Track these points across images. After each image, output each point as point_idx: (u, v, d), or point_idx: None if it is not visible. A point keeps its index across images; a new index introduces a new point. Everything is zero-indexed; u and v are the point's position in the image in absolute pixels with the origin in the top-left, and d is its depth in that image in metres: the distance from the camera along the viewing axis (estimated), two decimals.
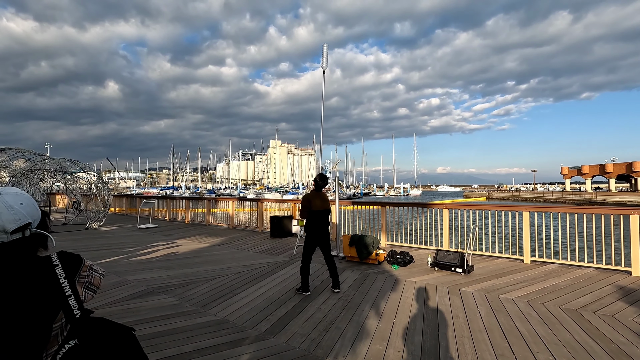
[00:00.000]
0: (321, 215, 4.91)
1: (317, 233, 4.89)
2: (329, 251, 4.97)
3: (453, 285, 5.06)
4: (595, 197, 49.73)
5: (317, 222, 4.89)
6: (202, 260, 6.91)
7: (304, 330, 3.59)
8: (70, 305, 1.07)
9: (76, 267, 1.20)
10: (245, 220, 12.19)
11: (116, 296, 4.67)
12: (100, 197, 13.37)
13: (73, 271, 1.17)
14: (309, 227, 4.90)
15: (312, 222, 4.89)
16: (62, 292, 1.08)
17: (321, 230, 4.91)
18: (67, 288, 1.10)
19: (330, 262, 4.92)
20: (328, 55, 7.26)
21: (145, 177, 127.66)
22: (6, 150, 14.77)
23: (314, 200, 4.90)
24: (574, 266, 5.93)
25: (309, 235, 4.91)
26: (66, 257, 1.21)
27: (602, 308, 4.07)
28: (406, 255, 6.45)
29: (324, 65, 7.31)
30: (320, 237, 4.90)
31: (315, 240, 4.90)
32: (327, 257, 4.95)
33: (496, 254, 6.89)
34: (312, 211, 4.87)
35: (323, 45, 7.28)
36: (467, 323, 3.73)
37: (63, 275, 1.12)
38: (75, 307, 1.07)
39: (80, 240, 9.48)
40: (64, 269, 1.15)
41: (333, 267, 4.91)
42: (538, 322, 3.72)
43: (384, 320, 3.83)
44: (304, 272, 4.77)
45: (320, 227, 4.90)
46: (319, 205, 4.90)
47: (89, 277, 1.23)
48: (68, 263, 1.18)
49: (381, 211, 8.46)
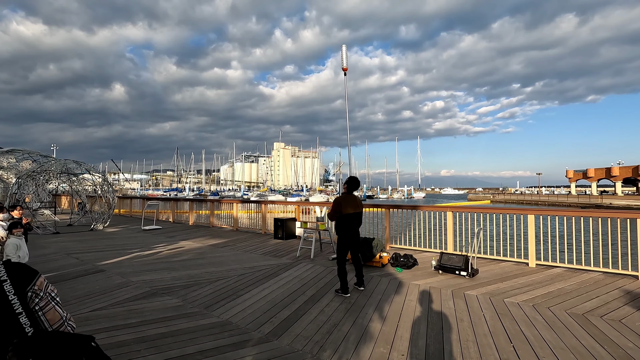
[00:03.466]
0: (352, 218, 5.00)
1: (348, 235, 4.99)
2: (357, 252, 5.16)
3: (457, 288, 5.02)
4: (601, 201, 49.28)
5: (348, 225, 4.98)
6: (206, 261, 6.92)
7: (308, 332, 3.58)
8: (22, 323, 0.99)
9: (28, 280, 1.08)
10: (248, 222, 12.21)
11: (120, 297, 4.69)
12: (105, 199, 13.46)
13: (24, 285, 1.06)
14: (340, 229, 5.01)
15: (343, 225, 4.99)
16: (12, 309, 1.00)
17: (352, 232, 5.02)
18: (17, 305, 1.01)
19: (357, 262, 5.10)
20: (347, 55, 7.64)
21: (149, 179, 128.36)
22: (13, 152, 14.94)
23: (344, 203, 5.00)
24: (580, 270, 5.88)
25: (341, 237, 5.02)
26: (14, 269, 1.10)
27: (608, 313, 4.02)
28: (410, 258, 6.42)
29: (344, 64, 7.68)
30: (351, 238, 5.01)
31: (347, 242, 5.01)
32: (355, 257, 5.13)
33: (501, 257, 6.84)
34: (342, 215, 4.98)
35: (342, 46, 7.73)
36: (472, 327, 3.70)
37: (12, 291, 1.02)
38: (27, 325, 1.00)
39: (85, 242, 9.54)
40: (13, 284, 1.04)
41: (359, 267, 5.09)
42: (544, 326, 3.68)
43: (388, 323, 3.81)
44: (342, 273, 4.87)
45: (351, 229, 5.00)
46: (350, 208, 4.99)
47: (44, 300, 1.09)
48: (17, 276, 1.07)
49: (385, 214, 8.43)
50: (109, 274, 5.92)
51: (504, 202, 66.66)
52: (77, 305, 4.34)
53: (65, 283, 5.41)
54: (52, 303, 1.11)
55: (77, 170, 13.26)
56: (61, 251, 8.09)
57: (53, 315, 1.09)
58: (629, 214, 5.74)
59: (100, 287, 5.18)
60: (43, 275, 1.15)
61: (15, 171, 15.47)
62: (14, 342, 0.95)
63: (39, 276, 1.13)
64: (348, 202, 5.02)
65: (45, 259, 7.27)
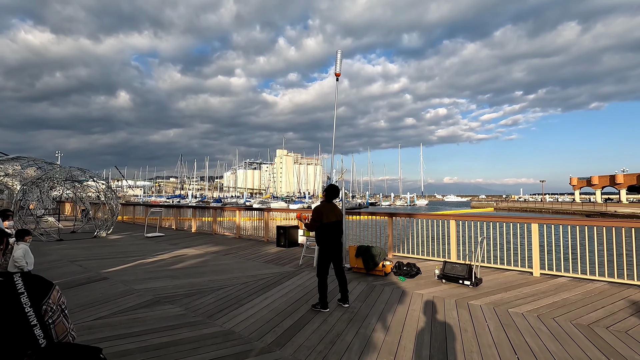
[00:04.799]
0: (333, 227, 4.75)
1: (331, 245, 4.73)
2: (340, 264, 4.83)
3: (461, 298, 4.99)
4: (606, 209, 48.90)
5: (330, 234, 4.73)
6: (209, 269, 6.92)
7: (311, 342, 3.57)
8: (36, 335, 1.02)
9: (44, 293, 1.12)
10: (251, 230, 12.21)
11: (123, 305, 4.69)
12: (108, 206, 13.52)
13: (40, 297, 1.10)
14: (321, 239, 4.75)
15: (324, 234, 4.72)
16: (27, 321, 1.03)
17: (334, 242, 4.75)
18: (33, 317, 1.04)
19: (341, 276, 4.77)
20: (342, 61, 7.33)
21: (152, 186, 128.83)
22: (18, 159, 15.07)
23: (325, 211, 4.75)
24: (585, 280, 5.82)
25: (323, 248, 4.75)
26: (31, 282, 1.13)
27: (614, 324, 3.98)
28: (413, 266, 6.39)
29: (337, 70, 7.31)
30: (334, 249, 4.74)
31: (329, 253, 4.73)
32: (338, 270, 4.80)
33: (505, 266, 6.80)
34: (323, 224, 4.72)
35: (337, 51, 7.34)
36: (476, 337, 3.67)
37: (29, 304, 1.06)
38: (41, 337, 1.03)
39: (88, 249, 9.57)
40: (30, 297, 1.07)
41: (343, 281, 4.76)
42: (549, 337, 3.65)
43: (391, 333, 3.79)
44: (322, 287, 4.58)
45: (333, 239, 4.74)
46: (331, 216, 4.76)
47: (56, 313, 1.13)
48: (34, 289, 1.10)
49: (388, 222, 8.42)
50: (112, 282, 5.93)
51: (508, 209, 66.30)
52: (81, 314, 4.34)
53: (69, 291, 5.42)
54: (62, 316, 1.15)
55: (81, 177, 13.36)
56: (64, 258, 8.11)
57: (61, 327, 1.14)
58: (635, 222, 5.71)
59: (103, 295, 5.19)
60: (57, 286, 1.19)
61: (20, 178, 15.60)
62: (28, 353, 0.99)
63: (54, 289, 1.16)
64: (329, 211, 4.76)
65: (49, 266, 7.30)
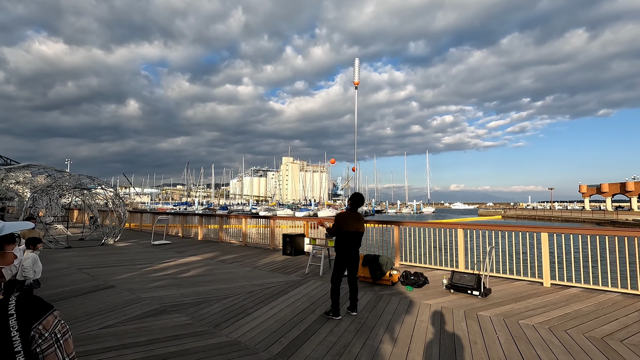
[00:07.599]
0: (352, 237, 4.75)
1: (347, 254, 4.74)
2: (355, 273, 4.86)
3: (470, 309, 4.91)
4: (617, 217, 48.02)
5: (348, 243, 4.74)
6: (215, 278, 6.91)
7: (317, 354, 3.52)
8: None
9: (35, 317, 1.02)
10: (257, 238, 12.20)
11: (130, 314, 4.69)
12: (116, 213, 13.64)
13: (29, 322, 1.00)
14: (338, 246, 4.78)
15: (342, 243, 4.76)
16: (12, 347, 0.95)
17: (351, 252, 4.76)
18: (18, 343, 0.96)
19: (353, 285, 4.80)
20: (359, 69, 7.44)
21: (159, 193, 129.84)
22: (29, 167, 15.33)
23: (346, 219, 4.77)
24: (597, 290, 5.69)
25: (339, 256, 4.77)
26: (25, 304, 1.03)
27: (629, 337, 3.87)
28: (420, 276, 6.32)
29: (356, 78, 7.53)
30: (350, 258, 4.76)
31: (344, 261, 4.76)
32: (351, 279, 4.83)
33: (514, 276, 6.68)
34: (342, 231, 4.76)
35: (355, 59, 7.55)
36: (486, 350, 3.59)
37: (16, 327, 0.97)
38: None
39: (96, 256, 9.63)
40: (19, 320, 0.98)
41: (354, 290, 4.79)
42: (561, 350, 3.56)
43: (399, 345, 3.73)
44: (334, 294, 4.62)
45: (350, 248, 4.75)
46: (351, 226, 4.76)
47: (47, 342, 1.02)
48: (25, 312, 1.01)
49: (394, 230, 8.35)
50: (118, 290, 5.94)
51: (516, 217, 65.40)
52: (87, 322, 4.35)
53: (76, 299, 5.45)
54: (55, 346, 1.03)
55: (90, 185, 13.52)
56: (72, 266, 8.17)
57: (52, 359, 1.03)
58: None
59: (110, 303, 5.20)
60: (57, 312, 1.08)
61: (30, 186, 15.85)
62: None
63: (50, 314, 1.05)
64: (350, 219, 4.78)
65: (57, 273, 7.35)
